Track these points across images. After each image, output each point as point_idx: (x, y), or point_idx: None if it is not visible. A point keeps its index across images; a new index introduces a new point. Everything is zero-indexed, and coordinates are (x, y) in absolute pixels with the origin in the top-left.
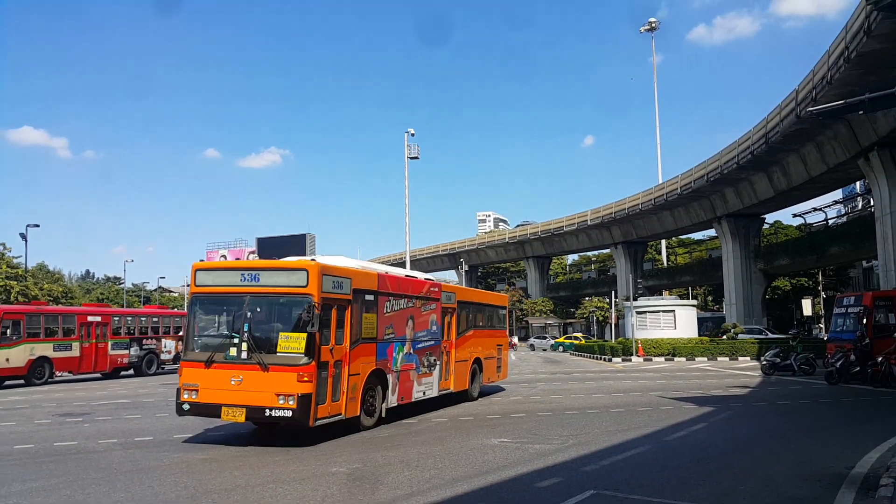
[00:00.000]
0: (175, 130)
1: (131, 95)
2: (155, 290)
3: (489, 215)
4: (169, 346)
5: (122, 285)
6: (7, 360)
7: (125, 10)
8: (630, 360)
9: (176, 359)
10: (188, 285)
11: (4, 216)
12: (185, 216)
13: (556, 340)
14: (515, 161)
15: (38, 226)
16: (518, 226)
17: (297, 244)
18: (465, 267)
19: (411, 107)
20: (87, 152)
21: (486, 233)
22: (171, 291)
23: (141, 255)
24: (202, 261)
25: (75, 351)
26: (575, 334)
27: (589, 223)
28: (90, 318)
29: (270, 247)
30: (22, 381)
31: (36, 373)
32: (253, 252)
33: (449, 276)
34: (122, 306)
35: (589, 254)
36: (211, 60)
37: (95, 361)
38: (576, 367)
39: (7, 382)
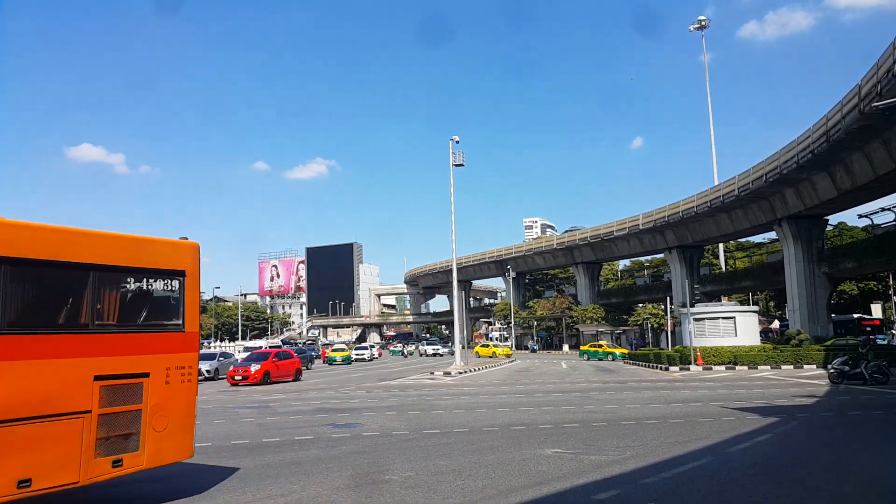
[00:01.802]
0: (226, 144)
1: (183, 112)
2: (211, 299)
3: (536, 221)
4: None
5: None
6: None
7: (173, 29)
8: (688, 369)
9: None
10: (242, 294)
11: None
12: (237, 227)
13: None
14: (562, 166)
15: None
16: (566, 231)
17: (344, 253)
18: (513, 274)
19: (456, 114)
20: (142, 167)
21: (533, 239)
22: (226, 301)
23: None
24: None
25: None
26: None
27: (641, 227)
28: None
29: (319, 256)
30: None
31: None
32: (302, 262)
33: (496, 284)
34: None
35: (641, 259)
36: (256, 75)
37: None
38: (630, 376)
39: None
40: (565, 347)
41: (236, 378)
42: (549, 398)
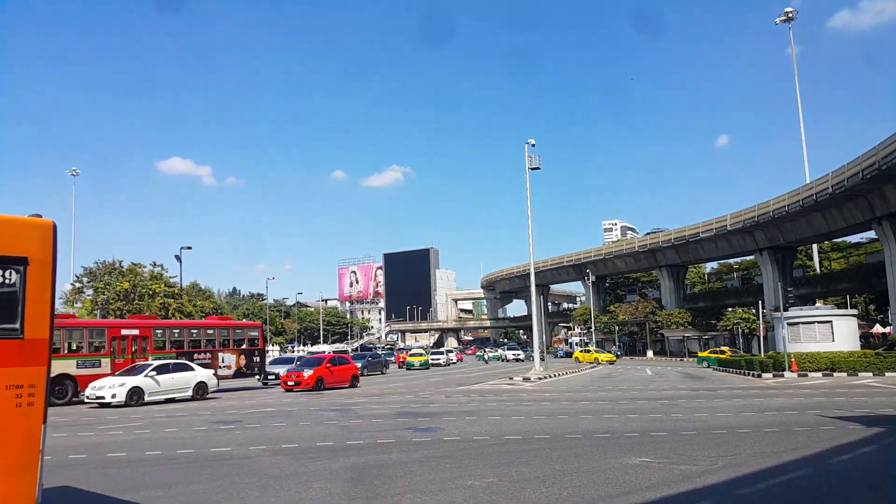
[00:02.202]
0: (305, 155)
1: (265, 125)
2: (293, 304)
3: (616, 224)
4: (228, 360)
5: (264, 301)
6: None
7: (252, 48)
8: (782, 376)
9: (238, 374)
10: (323, 300)
11: (161, 240)
12: (317, 235)
13: (700, 355)
14: (642, 167)
15: (190, 248)
16: (648, 233)
17: (421, 258)
18: (592, 278)
19: (531, 116)
20: (228, 179)
21: (613, 242)
22: (308, 306)
23: (279, 273)
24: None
25: (105, 367)
26: (721, 347)
27: (729, 228)
28: (124, 332)
29: (396, 262)
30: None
31: (56, 391)
32: (380, 267)
33: (575, 288)
34: (265, 321)
35: (729, 261)
36: (330, 89)
37: None
38: (720, 384)
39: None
40: (649, 353)
41: (289, 383)
42: (634, 405)
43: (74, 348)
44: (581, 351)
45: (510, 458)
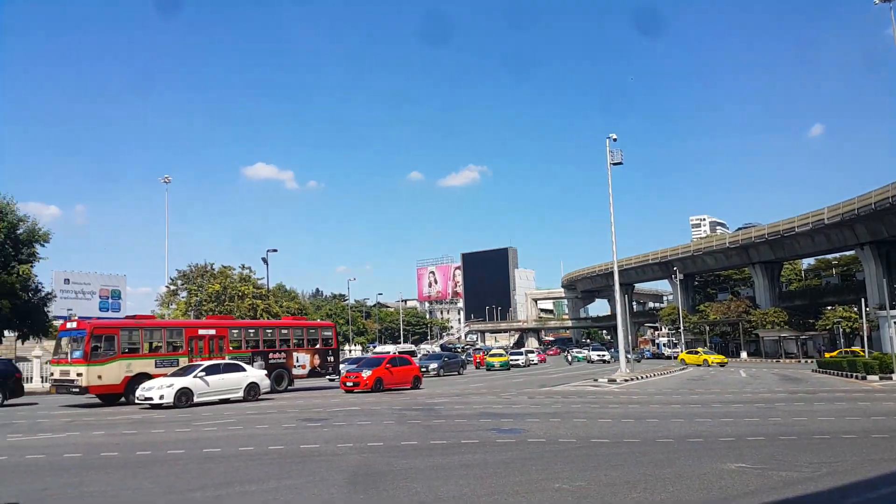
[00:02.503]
0: (383, 157)
1: (343, 128)
2: (374, 305)
3: (704, 219)
4: (303, 359)
5: (346, 301)
6: (99, 377)
7: (328, 54)
8: (890, 378)
9: (312, 373)
10: (403, 300)
11: (249, 243)
12: (396, 236)
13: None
14: (732, 159)
15: (276, 250)
16: (739, 229)
17: (499, 258)
18: (680, 276)
19: (611, 110)
20: (310, 183)
21: (701, 238)
22: (388, 306)
23: (360, 274)
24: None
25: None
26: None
27: (826, 222)
28: (202, 332)
29: (474, 262)
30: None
31: (135, 390)
32: (458, 267)
33: (661, 287)
34: (347, 321)
35: (828, 257)
36: (403, 88)
37: None
38: (821, 386)
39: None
40: (743, 354)
41: (348, 384)
42: (728, 409)
43: (153, 348)
44: (687, 352)
45: (598, 462)
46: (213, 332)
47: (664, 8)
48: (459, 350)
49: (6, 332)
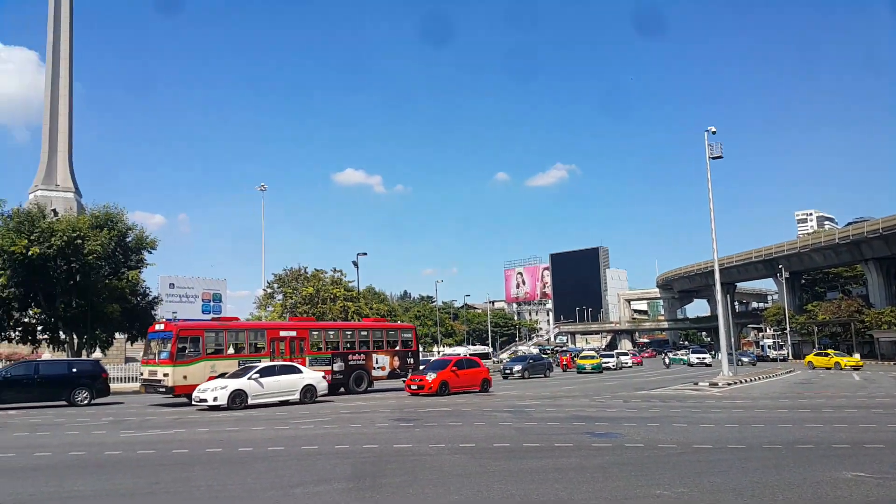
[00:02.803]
0: (468, 159)
1: (427, 132)
2: (461, 307)
3: (811, 214)
4: (382, 361)
5: (434, 303)
6: (185, 377)
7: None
8: None
9: (392, 375)
10: (490, 302)
11: (340, 246)
12: (482, 238)
13: None
14: (840, 150)
15: (365, 254)
16: (849, 224)
17: (590, 258)
18: (786, 274)
19: (703, 103)
20: (397, 187)
21: (808, 234)
22: (475, 308)
23: (447, 276)
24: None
25: None
26: None
27: None
28: (283, 333)
29: (564, 262)
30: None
31: None
32: (547, 268)
33: (764, 286)
34: (435, 323)
35: None
36: (490, 87)
37: None
38: None
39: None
40: (856, 356)
41: (412, 387)
42: (840, 414)
43: (237, 349)
44: (815, 354)
45: (701, 468)
46: (293, 333)
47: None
48: (550, 352)
49: (117, 335)
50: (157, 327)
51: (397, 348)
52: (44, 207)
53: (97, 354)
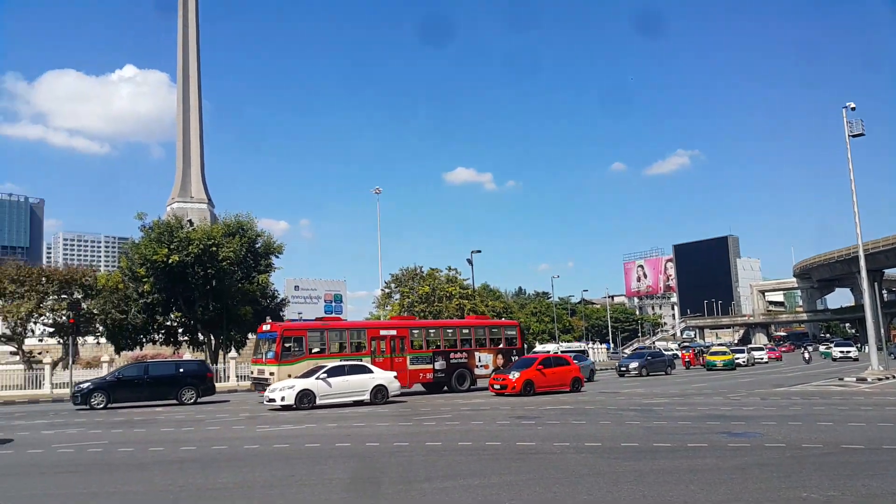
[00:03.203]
0: (582, 151)
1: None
2: (578, 302)
3: None
4: (485, 359)
5: (550, 299)
6: (289, 375)
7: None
8: None
9: (496, 373)
10: (610, 296)
11: (453, 245)
12: (599, 231)
13: None
14: None
15: (479, 251)
16: None
17: (717, 248)
18: None
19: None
20: (508, 183)
21: None
22: (593, 303)
23: (562, 271)
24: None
25: None
26: None
27: None
28: (383, 332)
29: (689, 253)
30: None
31: None
32: (670, 260)
33: None
34: (552, 319)
35: None
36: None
37: None
38: None
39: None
40: None
41: (495, 387)
42: None
43: (339, 348)
44: None
45: (852, 470)
46: (393, 332)
47: None
48: (676, 348)
49: (250, 335)
50: (265, 328)
51: (501, 346)
52: (181, 218)
53: (233, 354)
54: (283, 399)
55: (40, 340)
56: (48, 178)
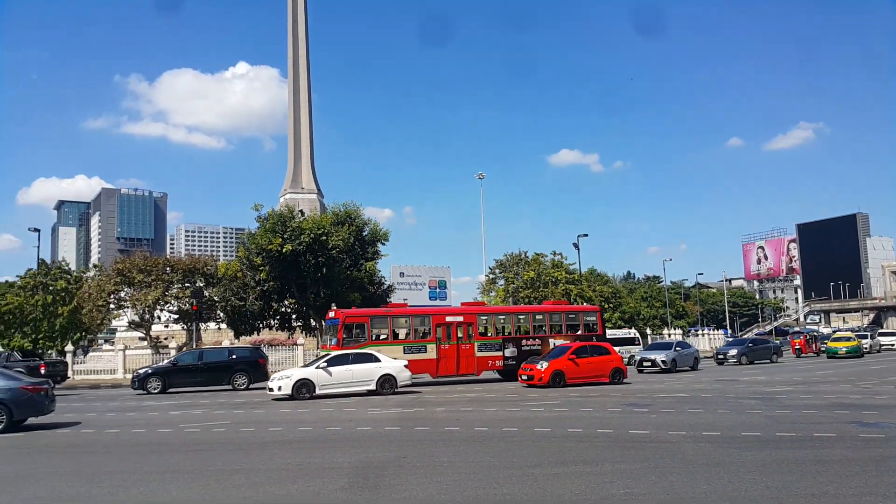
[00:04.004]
0: (695, 127)
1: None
2: (693, 286)
3: None
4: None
5: (661, 283)
6: None
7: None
8: None
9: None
10: (727, 280)
11: (558, 229)
12: (715, 211)
13: None
14: None
15: (586, 235)
16: None
17: (845, 226)
18: None
19: None
20: (616, 164)
21: None
22: (709, 287)
23: (674, 254)
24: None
25: (430, 353)
26: None
27: None
28: (449, 319)
29: (813, 232)
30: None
31: None
32: (793, 240)
33: None
34: (665, 304)
35: None
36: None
37: (458, 364)
38: None
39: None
40: None
41: (523, 377)
42: None
43: (403, 335)
44: None
45: None
46: (460, 318)
47: None
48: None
49: None
50: (330, 315)
51: (579, 332)
52: (293, 209)
53: None
54: (279, 389)
55: (166, 326)
56: (170, 173)
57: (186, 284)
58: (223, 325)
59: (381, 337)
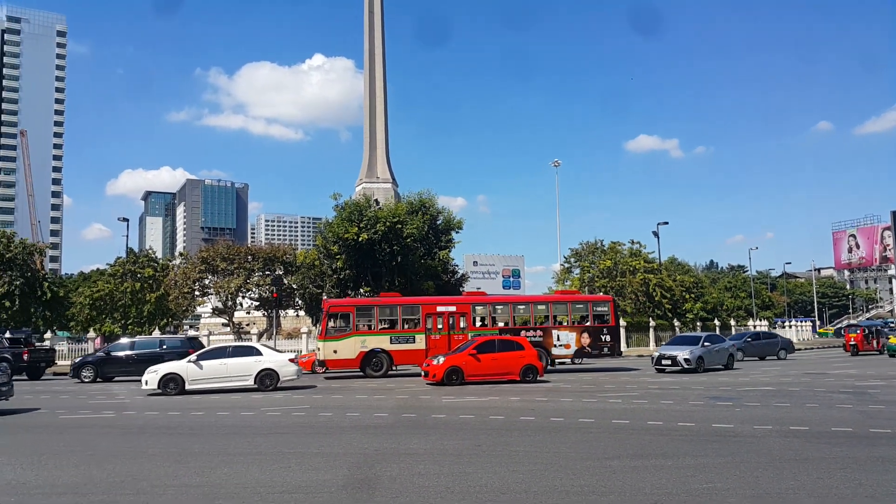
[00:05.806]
0: (778, 112)
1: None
2: (780, 276)
3: None
4: (566, 338)
5: (746, 273)
6: (335, 351)
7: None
8: None
9: (579, 354)
10: (816, 269)
11: (636, 217)
12: (804, 198)
13: None
14: None
15: (666, 223)
16: None
17: None
18: None
19: None
20: (697, 149)
21: None
22: (797, 277)
23: (760, 242)
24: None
25: (419, 343)
26: None
27: None
28: (440, 308)
29: None
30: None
31: (372, 364)
32: (888, 228)
33: None
34: (750, 295)
35: None
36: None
37: None
38: None
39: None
40: None
41: (423, 374)
42: None
43: (390, 325)
44: None
45: None
46: (452, 308)
47: None
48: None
49: None
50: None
51: (587, 324)
52: (369, 198)
53: None
54: (146, 384)
55: (248, 313)
56: (250, 164)
57: (267, 272)
58: (301, 313)
59: (366, 327)
